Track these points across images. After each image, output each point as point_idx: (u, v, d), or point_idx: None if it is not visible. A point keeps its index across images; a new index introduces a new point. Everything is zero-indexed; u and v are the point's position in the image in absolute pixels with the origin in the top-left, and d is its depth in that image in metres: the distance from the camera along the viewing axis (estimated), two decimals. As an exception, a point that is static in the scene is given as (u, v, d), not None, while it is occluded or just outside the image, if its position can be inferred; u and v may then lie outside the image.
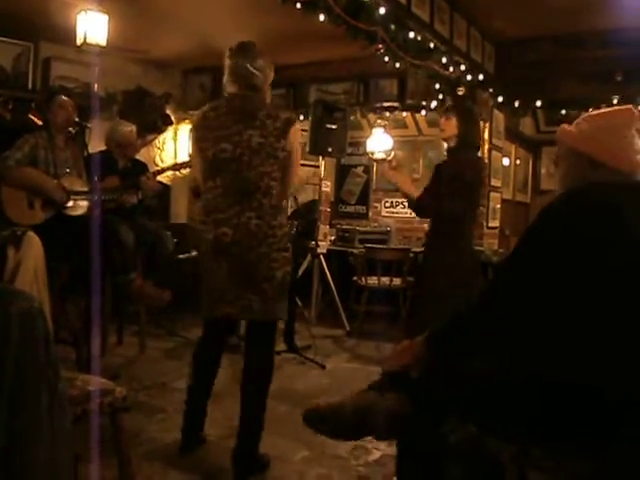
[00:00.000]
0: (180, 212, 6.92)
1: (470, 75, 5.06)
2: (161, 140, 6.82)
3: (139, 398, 3.34)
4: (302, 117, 5.82)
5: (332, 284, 5.33)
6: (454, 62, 4.79)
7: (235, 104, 2.49)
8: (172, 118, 6.75)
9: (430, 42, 4.44)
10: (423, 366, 1.59)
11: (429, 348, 1.59)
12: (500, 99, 5.62)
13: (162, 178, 4.49)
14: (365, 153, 7.17)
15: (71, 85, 5.64)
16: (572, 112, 5.48)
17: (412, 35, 4.21)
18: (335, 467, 2.65)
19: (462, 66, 4.92)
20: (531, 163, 7.87)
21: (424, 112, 6.14)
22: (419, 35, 4.29)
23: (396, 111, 6.24)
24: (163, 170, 4.35)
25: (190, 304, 5.28)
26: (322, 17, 3.66)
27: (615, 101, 5.08)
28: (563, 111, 5.74)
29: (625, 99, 4.98)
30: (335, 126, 5.25)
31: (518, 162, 7.30)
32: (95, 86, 5.48)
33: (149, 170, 4.41)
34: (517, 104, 5.83)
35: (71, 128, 3.98)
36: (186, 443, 2.70)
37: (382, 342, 4.95)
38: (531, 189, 7.84)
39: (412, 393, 1.57)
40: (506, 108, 5.84)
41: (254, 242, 2.43)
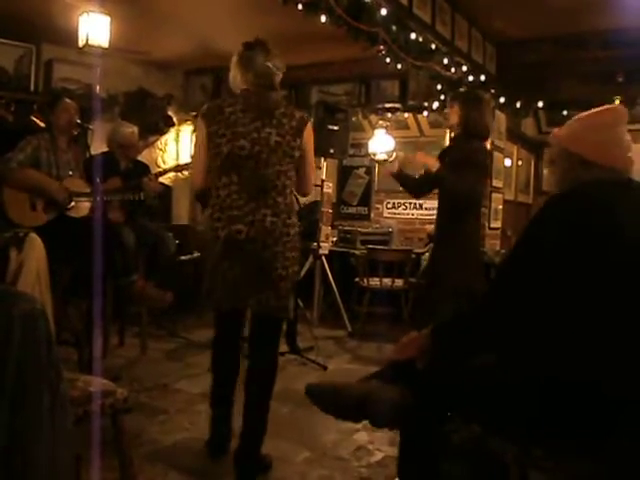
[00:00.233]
0: (182, 213, 6.93)
1: (471, 76, 5.06)
2: (163, 141, 6.83)
3: (140, 399, 3.34)
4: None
5: (334, 285, 5.33)
6: (455, 63, 4.79)
7: (252, 101, 2.46)
8: (174, 119, 6.76)
9: (431, 43, 4.44)
10: (428, 359, 1.60)
11: (434, 342, 1.60)
12: (502, 100, 5.62)
13: (164, 179, 4.50)
14: (367, 154, 7.21)
15: (73, 87, 5.66)
16: (573, 113, 5.47)
17: (413, 36, 4.21)
18: (337, 468, 2.65)
19: (463, 67, 4.92)
20: (533, 164, 7.86)
21: (426, 113, 6.15)
22: (420, 36, 4.29)
23: (398, 112, 6.24)
24: (165, 171, 4.35)
25: (192, 305, 5.33)
26: (323, 18, 3.66)
27: (617, 102, 5.07)
28: (565, 112, 5.74)
29: (626, 99, 4.98)
30: (337, 127, 5.25)
31: (520, 163, 7.30)
32: (97, 87, 5.49)
33: (151, 171, 4.41)
34: (519, 105, 5.83)
35: (73, 130, 4.00)
36: (216, 446, 2.68)
37: (384, 343, 4.95)
38: (533, 190, 7.83)
39: (415, 385, 1.58)
40: (508, 109, 5.84)
41: (269, 240, 2.42)
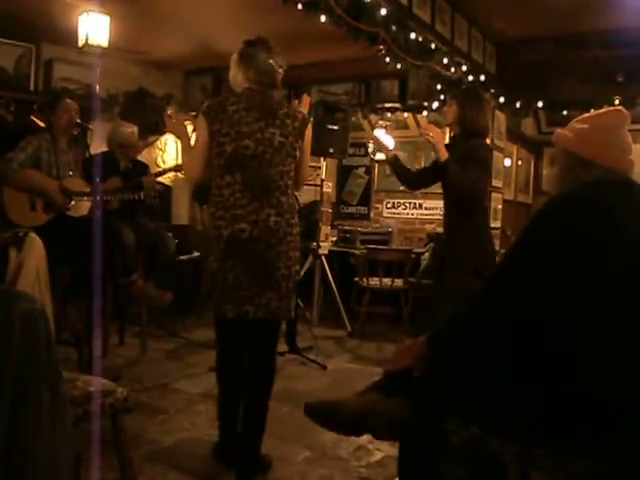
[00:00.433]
0: (181, 213, 6.93)
1: (471, 76, 5.06)
2: (163, 141, 6.82)
3: (140, 399, 3.34)
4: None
5: (333, 285, 5.33)
6: (455, 63, 4.79)
7: (255, 100, 2.45)
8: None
9: (431, 43, 4.44)
10: (425, 366, 1.59)
11: (431, 348, 1.59)
12: (501, 100, 5.62)
13: (163, 179, 4.50)
14: (366, 154, 7.21)
15: (73, 86, 5.65)
16: (573, 113, 5.49)
17: (413, 36, 4.21)
18: (337, 468, 2.65)
19: (463, 67, 4.92)
20: (533, 164, 7.87)
21: (425, 113, 6.15)
22: (420, 36, 4.29)
23: (397, 112, 6.24)
24: (165, 171, 4.35)
25: (191, 305, 5.33)
26: (323, 18, 3.66)
27: (617, 102, 5.08)
28: (565, 112, 5.75)
29: (625, 99, 4.98)
30: (336, 127, 5.26)
31: (520, 163, 7.30)
32: (97, 87, 5.49)
33: (150, 171, 4.42)
34: (518, 105, 5.84)
35: (73, 130, 4.00)
36: (228, 457, 2.63)
37: (384, 343, 4.96)
38: (532, 190, 7.84)
39: (413, 394, 1.57)
40: (507, 109, 5.84)
41: (273, 240, 2.42)
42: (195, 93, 6.88)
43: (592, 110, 1.93)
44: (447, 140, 3.59)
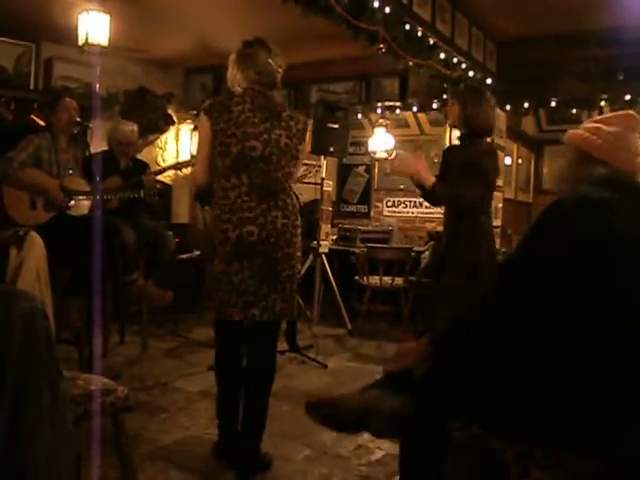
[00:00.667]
0: (182, 212, 6.93)
1: (472, 73, 5.05)
2: (163, 140, 6.82)
3: (141, 398, 3.34)
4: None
5: (334, 283, 5.33)
6: (456, 61, 4.79)
7: (260, 101, 2.45)
8: (174, 118, 6.76)
9: (431, 41, 4.44)
10: (427, 366, 1.59)
11: (434, 349, 1.59)
12: (502, 98, 5.61)
13: (164, 178, 4.50)
14: (367, 152, 7.21)
15: (73, 85, 5.66)
16: (574, 111, 5.48)
17: (413, 34, 4.21)
18: (337, 466, 2.65)
19: (463, 65, 4.91)
20: (533, 162, 7.86)
21: (426, 111, 6.14)
22: (420, 34, 4.28)
23: (398, 110, 6.24)
24: (164, 169, 4.35)
25: (192, 304, 5.33)
26: (323, 16, 3.65)
27: (627, 98, 5.07)
28: (565, 110, 5.73)
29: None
30: (337, 126, 5.25)
31: (520, 161, 7.29)
32: (97, 86, 5.49)
33: (150, 169, 4.41)
34: (519, 103, 5.82)
35: (73, 129, 3.99)
36: (228, 456, 2.63)
37: (384, 341, 4.96)
38: (533, 188, 7.82)
39: (414, 393, 1.57)
40: (508, 107, 5.83)
41: (281, 242, 2.43)
42: (195, 92, 6.88)
43: (595, 108, 1.95)
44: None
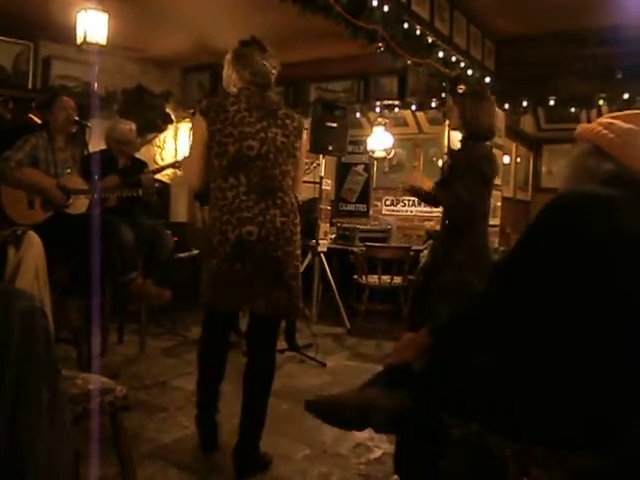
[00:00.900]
0: (180, 211, 6.92)
1: (470, 72, 5.05)
2: (161, 139, 6.81)
3: (139, 397, 3.34)
4: (301, 116, 5.80)
5: (333, 282, 5.33)
6: (454, 60, 4.79)
7: (256, 100, 2.45)
8: (172, 116, 6.75)
9: (430, 40, 4.43)
10: (427, 359, 1.59)
11: (434, 341, 1.59)
12: (500, 97, 5.61)
13: (162, 176, 4.50)
14: (365, 151, 7.21)
15: (71, 84, 5.65)
16: (572, 110, 5.48)
17: (412, 33, 4.20)
18: (336, 465, 2.65)
19: (462, 63, 4.91)
20: (532, 161, 7.86)
21: (425, 110, 6.14)
22: (419, 33, 4.28)
23: (396, 109, 6.23)
24: (163, 168, 4.34)
25: (190, 303, 5.32)
26: (322, 15, 3.65)
27: (626, 96, 5.07)
28: (563, 109, 5.73)
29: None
30: (335, 124, 5.25)
31: (519, 160, 7.29)
32: (95, 85, 5.48)
33: (149, 168, 4.41)
34: (517, 102, 5.82)
35: (71, 128, 3.99)
36: (207, 443, 2.70)
37: (383, 340, 4.96)
38: (532, 187, 7.83)
39: (413, 387, 1.58)
40: (506, 106, 5.82)
41: (281, 240, 2.43)
42: (193, 90, 6.88)
43: (592, 107, 1.94)
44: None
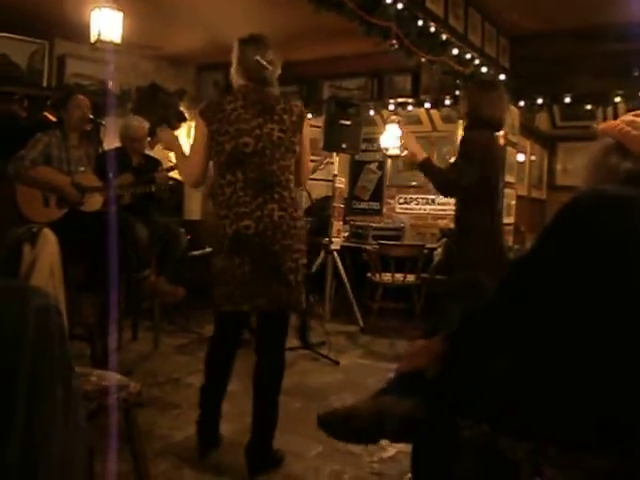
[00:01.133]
0: (193, 208, 6.94)
1: (485, 69, 5.02)
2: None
3: (153, 393, 3.36)
4: (315, 114, 5.79)
5: (346, 280, 5.32)
6: (468, 57, 4.76)
7: (252, 97, 2.47)
8: (186, 115, 6.77)
9: (444, 37, 4.41)
10: (441, 366, 1.58)
11: (449, 348, 1.58)
12: (515, 94, 5.57)
13: (176, 174, 4.50)
14: (379, 149, 7.19)
15: (86, 82, 5.69)
16: (588, 107, 5.43)
17: (426, 30, 4.18)
18: (349, 463, 2.65)
19: (476, 61, 4.88)
20: (546, 159, 7.80)
21: (438, 108, 6.12)
22: (433, 30, 4.26)
23: (410, 107, 6.21)
24: (177, 166, 4.35)
25: (204, 300, 5.34)
26: (335, 13, 3.64)
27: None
28: (579, 106, 5.68)
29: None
30: (349, 122, 5.23)
31: (533, 158, 7.24)
32: (109, 83, 5.51)
33: (162, 166, 4.42)
34: (532, 99, 5.78)
35: (86, 126, 4.01)
36: (203, 446, 2.67)
37: (396, 339, 4.95)
38: (546, 185, 7.77)
39: (427, 394, 1.56)
40: (521, 103, 5.78)
41: (278, 234, 2.43)
42: (207, 88, 6.89)
43: (608, 104, 1.91)
44: None
